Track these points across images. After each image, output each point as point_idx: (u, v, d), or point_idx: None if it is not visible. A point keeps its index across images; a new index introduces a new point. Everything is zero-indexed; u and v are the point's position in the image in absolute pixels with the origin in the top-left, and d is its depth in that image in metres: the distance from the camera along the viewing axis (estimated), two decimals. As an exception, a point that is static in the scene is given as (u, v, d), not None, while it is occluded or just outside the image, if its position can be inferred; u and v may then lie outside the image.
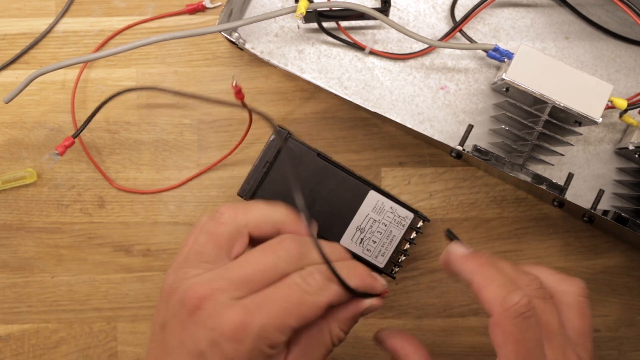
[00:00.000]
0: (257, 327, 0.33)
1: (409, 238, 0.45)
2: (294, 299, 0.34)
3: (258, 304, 0.33)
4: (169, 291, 0.35)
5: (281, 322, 0.33)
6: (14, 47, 0.50)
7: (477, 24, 0.49)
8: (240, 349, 0.33)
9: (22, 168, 0.50)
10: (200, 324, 0.33)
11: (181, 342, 0.34)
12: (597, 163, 0.48)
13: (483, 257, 0.37)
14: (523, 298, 0.34)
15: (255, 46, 0.49)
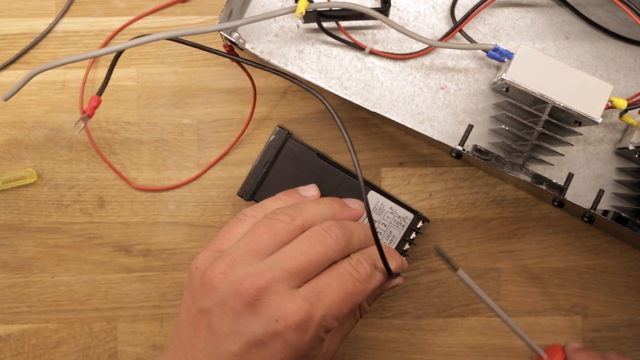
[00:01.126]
0: (319, 318, 0.35)
1: (409, 238, 0.45)
2: (349, 288, 0.36)
3: (317, 294, 0.35)
4: (210, 277, 0.36)
5: (339, 311, 0.36)
6: (14, 47, 0.50)
7: (477, 24, 0.49)
8: (303, 338, 0.34)
9: (22, 168, 0.50)
10: (260, 314, 0.35)
11: (235, 331, 0.35)
12: (597, 163, 0.48)
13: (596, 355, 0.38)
14: None
15: (255, 46, 0.49)
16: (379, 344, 0.50)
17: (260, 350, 0.35)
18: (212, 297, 0.36)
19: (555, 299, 0.49)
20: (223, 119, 0.50)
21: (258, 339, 0.35)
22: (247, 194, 0.45)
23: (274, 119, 0.50)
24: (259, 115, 0.50)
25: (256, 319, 0.35)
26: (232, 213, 0.50)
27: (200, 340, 0.36)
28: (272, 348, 0.35)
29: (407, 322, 0.50)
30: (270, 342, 0.35)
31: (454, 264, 0.41)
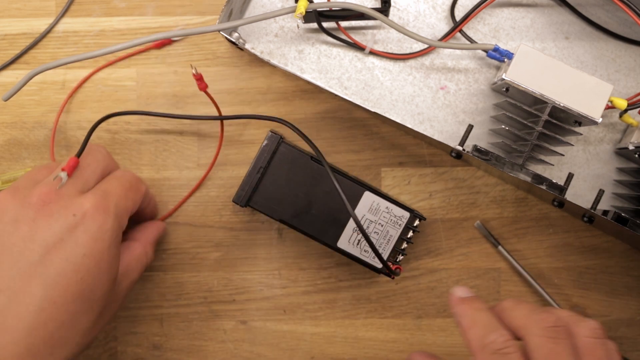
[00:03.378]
0: (113, 206, 0.37)
1: (407, 237, 0.45)
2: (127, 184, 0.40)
3: (103, 191, 0.38)
4: None
5: (125, 203, 0.39)
6: (14, 47, 0.50)
7: (477, 24, 0.49)
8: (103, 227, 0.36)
9: (22, 168, 0.50)
10: (56, 215, 0.36)
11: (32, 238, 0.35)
12: (597, 163, 0.48)
13: (477, 302, 0.37)
14: (500, 336, 0.34)
15: (255, 46, 0.49)
16: (379, 344, 0.50)
17: (60, 250, 0.35)
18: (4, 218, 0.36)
19: (555, 299, 0.49)
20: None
21: (58, 237, 0.35)
22: (242, 200, 0.45)
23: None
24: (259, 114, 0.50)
25: (53, 219, 0.35)
26: (232, 213, 0.50)
27: None
28: (73, 244, 0.35)
29: (407, 322, 0.50)
30: (70, 238, 0.35)
31: (495, 240, 0.49)
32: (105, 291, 0.37)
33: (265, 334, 0.50)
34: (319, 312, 0.50)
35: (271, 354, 0.49)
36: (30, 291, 0.34)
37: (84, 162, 0.40)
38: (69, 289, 0.35)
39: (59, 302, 0.34)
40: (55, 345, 0.35)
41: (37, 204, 0.36)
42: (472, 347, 0.35)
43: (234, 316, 0.50)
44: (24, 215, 0.36)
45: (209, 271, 0.50)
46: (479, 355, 0.34)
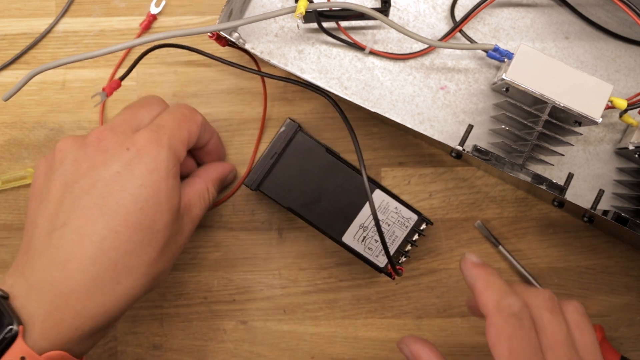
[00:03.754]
0: (166, 138, 0.38)
1: (411, 240, 0.45)
2: (179, 116, 0.40)
3: (156, 125, 0.39)
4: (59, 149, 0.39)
5: (180, 134, 0.40)
6: (14, 47, 0.50)
7: (477, 24, 0.49)
8: (158, 158, 0.37)
9: (22, 168, 0.50)
10: (111, 151, 0.37)
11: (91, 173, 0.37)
12: (597, 163, 0.48)
13: (490, 267, 0.38)
14: (517, 301, 0.35)
15: (255, 46, 0.49)
16: (379, 344, 0.50)
17: (118, 182, 0.36)
18: (62, 162, 0.38)
19: (555, 299, 0.49)
20: (223, 119, 0.50)
21: (114, 171, 0.36)
22: (253, 184, 0.45)
23: (274, 118, 0.50)
24: (260, 115, 0.50)
25: (109, 154, 0.37)
26: (232, 213, 0.50)
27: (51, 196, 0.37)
28: (129, 175, 0.36)
29: (407, 322, 0.50)
30: (126, 171, 0.37)
31: (495, 240, 0.49)
32: (167, 222, 0.38)
33: (265, 334, 0.50)
34: (319, 312, 0.50)
35: (271, 354, 0.50)
36: (92, 222, 0.36)
37: (138, 104, 0.41)
38: (129, 219, 0.36)
39: (120, 231, 0.36)
40: (120, 273, 0.36)
41: (93, 143, 0.38)
42: (487, 308, 0.36)
43: (234, 316, 0.50)
44: (82, 154, 0.38)
45: (209, 271, 0.50)
46: (494, 317, 0.35)
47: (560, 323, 0.36)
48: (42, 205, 0.37)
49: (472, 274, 0.38)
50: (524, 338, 0.35)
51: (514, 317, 0.35)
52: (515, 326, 0.35)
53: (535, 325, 0.36)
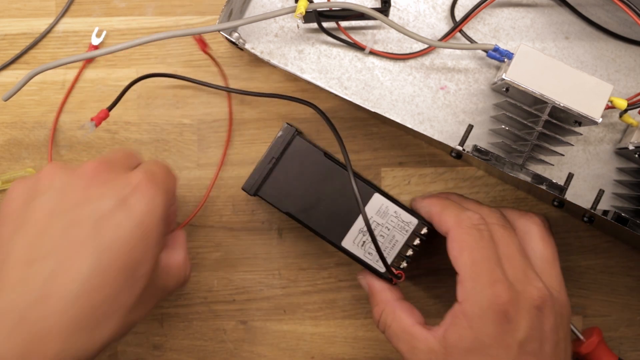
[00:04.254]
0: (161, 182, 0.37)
1: (412, 244, 0.44)
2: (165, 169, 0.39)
3: (147, 169, 0.37)
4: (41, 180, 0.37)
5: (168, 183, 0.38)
6: (14, 47, 0.50)
7: (477, 24, 0.49)
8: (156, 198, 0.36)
9: (22, 168, 0.50)
10: (109, 183, 0.35)
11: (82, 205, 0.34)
12: (597, 163, 0.48)
13: (441, 195, 0.41)
14: (475, 214, 0.38)
15: (255, 46, 0.49)
16: (379, 344, 0.50)
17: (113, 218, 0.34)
18: (50, 188, 0.35)
19: (555, 299, 0.49)
20: (223, 119, 0.50)
21: (111, 205, 0.34)
22: (252, 189, 0.45)
23: (274, 119, 0.50)
24: (259, 115, 0.50)
25: (106, 187, 0.35)
26: (232, 213, 0.50)
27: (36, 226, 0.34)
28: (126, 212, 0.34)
29: (407, 322, 0.50)
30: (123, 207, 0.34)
31: None
32: (149, 270, 0.35)
33: (265, 334, 0.50)
34: (319, 312, 0.50)
35: (271, 354, 0.50)
36: (80, 258, 0.32)
37: (120, 151, 0.41)
38: (119, 259, 0.33)
39: (107, 271, 0.33)
40: (100, 318, 0.33)
41: (88, 174, 0.36)
42: (447, 224, 0.38)
43: (234, 316, 0.50)
44: (74, 183, 0.35)
45: (209, 271, 0.50)
46: (455, 230, 0.37)
47: (512, 236, 0.38)
48: (21, 232, 0.34)
49: (425, 204, 0.41)
50: (485, 247, 0.36)
51: (474, 228, 0.37)
52: (476, 237, 0.37)
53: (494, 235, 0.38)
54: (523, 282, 0.36)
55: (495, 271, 0.36)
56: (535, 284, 0.37)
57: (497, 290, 0.36)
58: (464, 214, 0.38)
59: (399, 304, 0.41)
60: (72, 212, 0.34)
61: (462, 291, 0.37)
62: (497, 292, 0.36)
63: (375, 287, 0.43)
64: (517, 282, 0.36)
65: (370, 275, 0.44)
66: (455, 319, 0.37)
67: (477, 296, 0.36)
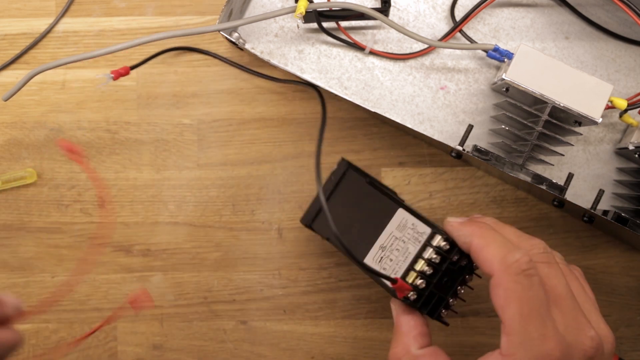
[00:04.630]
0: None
1: (427, 258, 0.39)
2: None
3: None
4: None
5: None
6: (14, 47, 0.50)
7: (477, 24, 0.49)
8: None
9: (22, 168, 0.50)
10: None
11: None
12: (597, 163, 0.48)
13: (480, 221, 0.36)
14: (524, 256, 0.33)
15: (255, 46, 0.49)
16: (379, 344, 0.50)
17: None
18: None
19: (555, 299, 0.49)
20: (223, 119, 0.50)
21: None
22: (307, 221, 0.43)
23: (274, 118, 0.50)
24: (259, 115, 0.50)
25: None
26: (232, 213, 0.50)
27: None
28: None
29: (407, 322, 0.50)
30: None
31: None
32: None
33: (265, 334, 0.50)
34: (319, 312, 0.50)
35: (271, 354, 0.49)
36: None
37: None
38: None
39: None
40: None
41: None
42: (491, 267, 0.34)
43: (234, 316, 0.50)
44: None
45: (209, 271, 0.50)
46: (501, 276, 0.33)
47: (559, 276, 0.35)
48: None
49: (463, 233, 0.36)
50: (535, 298, 0.33)
51: (523, 274, 0.33)
52: (525, 285, 0.33)
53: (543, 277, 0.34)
54: (575, 332, 0.33)
55: (546, 325, 0.33)
56: (588, 333, 0.34)
57: (548, 347, 0.32)
58: (511, 255, 0.33)
59: (422, 353, 0.38)
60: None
61: (508, 345, 0.33)
62: (549, 350, 0.32)
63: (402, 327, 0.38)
64: (569, 332, 0.33)
65: (400, 307, 0.39)
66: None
67: (526, 353, 0.32)
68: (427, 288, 0.38)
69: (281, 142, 0.50)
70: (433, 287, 0.38)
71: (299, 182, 0.50)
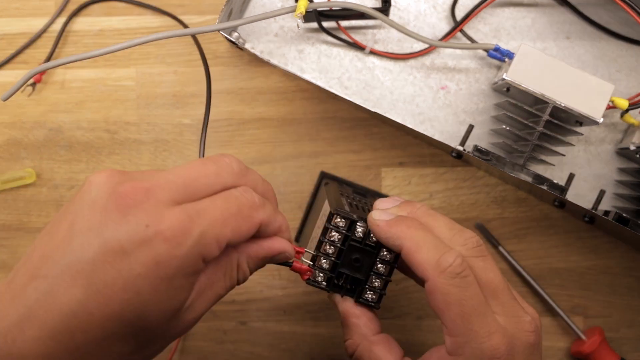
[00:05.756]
0: (197, 234, 0.30)
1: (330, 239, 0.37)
2: (233, 209, 0.32)
3: (198, 210, 0.31)
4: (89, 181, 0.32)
5: (220, 231, 0.31)
6: (13, 47, 0.50)
7: (477, 23, 0.49)
8: (174, 252, 0.30)
9: (21, 168, 0.50)
10: (131, 217, 0.30)
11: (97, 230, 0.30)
12: (598, 163, 0.48)
13: (409, 219, 0.35)
14: (457, 257, 0.33)
15: (255, 46, 0.49)
16: (380, 344, 0.50)
17: (117, 261, 0.29)
18: (85, 197, 0.31)
19: (556, 300, 0.49)
20: (223, 119, 0.50)
21: (120, 245, 0.29)
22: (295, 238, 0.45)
23: (274, 119, 0.50)
24: (259, 115, 0.50)
25: (125, 220, 0.30)
26: (232, 213, 0.50)
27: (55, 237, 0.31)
28: (133, 260, 0.29)
29: (408, 323, 0.50)
30: (133, 252, 0.29)
31: (495, 241, 0.49)
32: (151, 325, 0.31)
33: (265, 335, 0.49)
34: (319, 313, 0.50)
35: (271, 354, 0.49)
36: (71, 290, 0.29)
37: (208, 165, 0.33)
38: (110, 305, 0.30)
39: (94, 314, 0.29)
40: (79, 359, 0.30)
41: (120, 196, 0.30)
42: (426, 271, 0.33)
43: (233, 317, 0.50)
44: (103, 202, 0.31)
45: (208, 272, 0.50)
46: (438, 280, 0.33)
47: (494, 268, 0.34)
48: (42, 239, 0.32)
49: (392, 235, 0.35)
50: (474, 297, 0.33)
51: (458, 277, 0.33)
52: (461, 287, 0.33)
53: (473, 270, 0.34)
54: (514, 321, 0.34)
55: (488, 321, 0.33)
56: (525, 319, 0.34)
57: (494, 343, 0.32)
58: (444, 259, 0.33)
59: (377, 339, 0.37)
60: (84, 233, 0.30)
61: (454, 345, 0.33)
62: (494, 344, 0.32)
63: (353, 317, 0.38)
64: (509, 322, 0.33)
65: (347, 300, 0.38)
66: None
67: (473, 351, 0.32)
68: (334, 269, 0.36)
69: (281, 142, 0.50)
70: (342, 268, 0.36)
71: (299, 182, 0.50)
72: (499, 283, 0.34)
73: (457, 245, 0.34)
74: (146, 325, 0.31)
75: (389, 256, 0.36)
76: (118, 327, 0.30)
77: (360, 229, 0.36)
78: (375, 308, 0.38)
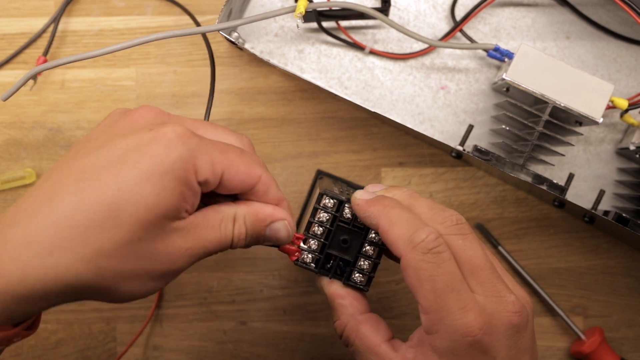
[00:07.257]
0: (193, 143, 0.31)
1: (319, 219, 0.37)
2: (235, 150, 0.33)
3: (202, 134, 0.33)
4: None
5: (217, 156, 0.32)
6: (13, 47, 0.50)
7: (477, 23, 0.49)
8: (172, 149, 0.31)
9: (21, 168, 0.50)
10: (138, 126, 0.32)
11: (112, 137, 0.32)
12: (598, 163, 0.48)
13: (387, 199, 0.35)
14: (430, 234, 0.33)
15: (255, 46, 0.49)
16: (379, 344, 0.50)
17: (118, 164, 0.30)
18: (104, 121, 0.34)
19: (556, 300, 0.49)
20: (223, 118, 0.50)
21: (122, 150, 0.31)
22: None
23: (274, 118, 0.50)
24: (259, 115, 0.50)
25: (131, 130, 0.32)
26: (232, 213, 0.50)
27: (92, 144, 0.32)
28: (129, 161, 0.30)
29: (407, 323, 0.50)
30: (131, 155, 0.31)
31: (494, 241, 0.50)
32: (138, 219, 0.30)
33: (265, 335, 0.49)
34: (319, 313, 0.50)
35: (271, 354, 0.49)
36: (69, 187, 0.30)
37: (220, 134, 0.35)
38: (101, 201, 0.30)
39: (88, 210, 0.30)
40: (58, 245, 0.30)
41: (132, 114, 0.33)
42: (399, 248, 0.33)
43: (233, 317, 0.50)
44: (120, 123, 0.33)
45: (209, 271, 0.50)
46: (409, 256, 0.32)
47: (475, 246, 0.34)
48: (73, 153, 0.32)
49: (370, 214, 0.35)
50: (447, 273, 0.32)
51: (431, 253, 0.32)
52: (434, 263, 0.32)
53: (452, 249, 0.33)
54: (495, 301, 0.33)
55: (463, 297, 0.32)
56: (508, 299, 0.33)
57: (467, 320, 0.32)
58: (416, 235, 0.33)
59: (364, 318, 0.37)
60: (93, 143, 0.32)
61: (429, 323, 0.33)
62: (468, 322, 0.32)
63: (338, 298, 0.38)
64: (489, 301, 0.33)
65: (333, 282, 0.38)
66: (424, 349, 0.33)
67: (446, 329, 0.32)
68: (322, 249, 0.37)
69: (281, 142, 0.50)
70: (331, 249, 0.37)
71: (298, 182, 0.50)
72: (480, 262, 0.33)
73: (435, 224, 0.34)
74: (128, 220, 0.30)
75: (376, 238, 0.37)
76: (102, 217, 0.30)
77: (348, 209, 0.37)
78: (364, 290, 0.38)
